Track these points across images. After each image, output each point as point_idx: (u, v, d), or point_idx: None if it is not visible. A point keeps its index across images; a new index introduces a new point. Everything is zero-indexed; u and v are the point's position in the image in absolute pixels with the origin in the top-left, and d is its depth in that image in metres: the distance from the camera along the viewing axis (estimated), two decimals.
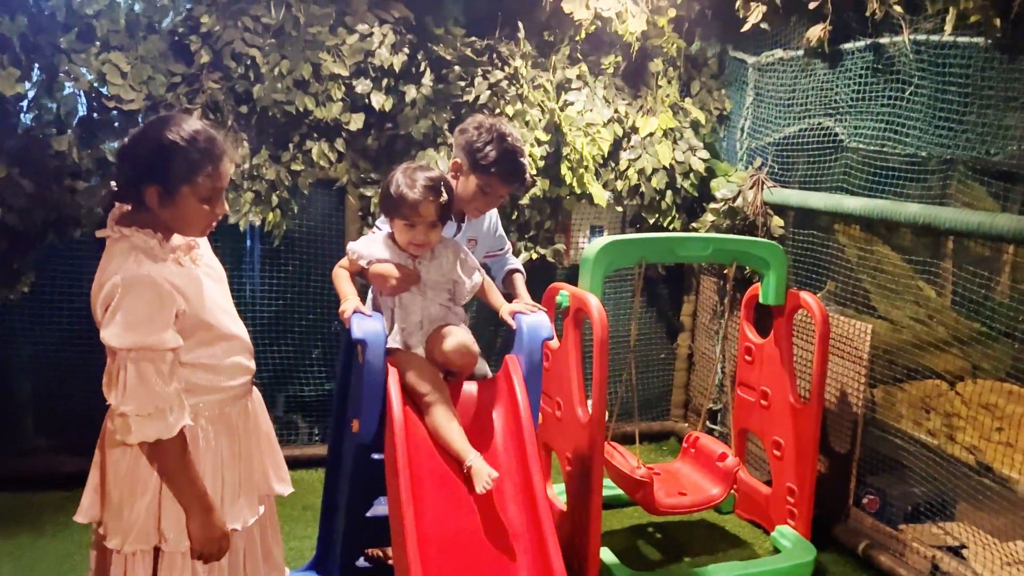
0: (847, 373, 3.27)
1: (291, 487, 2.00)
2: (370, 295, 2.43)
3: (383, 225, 2.45)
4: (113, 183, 1.73)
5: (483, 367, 2.60)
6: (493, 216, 2.72)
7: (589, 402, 2.86)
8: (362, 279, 2.36)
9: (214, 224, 1.79)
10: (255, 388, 1.95)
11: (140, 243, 1.66)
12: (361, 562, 2.35)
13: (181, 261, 1.74)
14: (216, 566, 1.79)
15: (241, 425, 1.85)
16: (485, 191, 2.45)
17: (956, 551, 2.90)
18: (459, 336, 2.26)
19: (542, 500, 2.09)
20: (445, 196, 2.21)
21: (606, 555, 2.89)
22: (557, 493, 3.20)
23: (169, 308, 1.64)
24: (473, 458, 2.09)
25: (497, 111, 3.59)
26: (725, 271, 3.63)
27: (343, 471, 2.42)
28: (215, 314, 1.77)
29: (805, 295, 3.09)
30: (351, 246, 2.35)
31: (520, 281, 2.77)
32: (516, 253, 3.74)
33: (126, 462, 1.71)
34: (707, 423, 3.88)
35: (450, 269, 2.30)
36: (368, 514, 2.31)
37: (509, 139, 2.41)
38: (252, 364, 1.90)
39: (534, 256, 3.78)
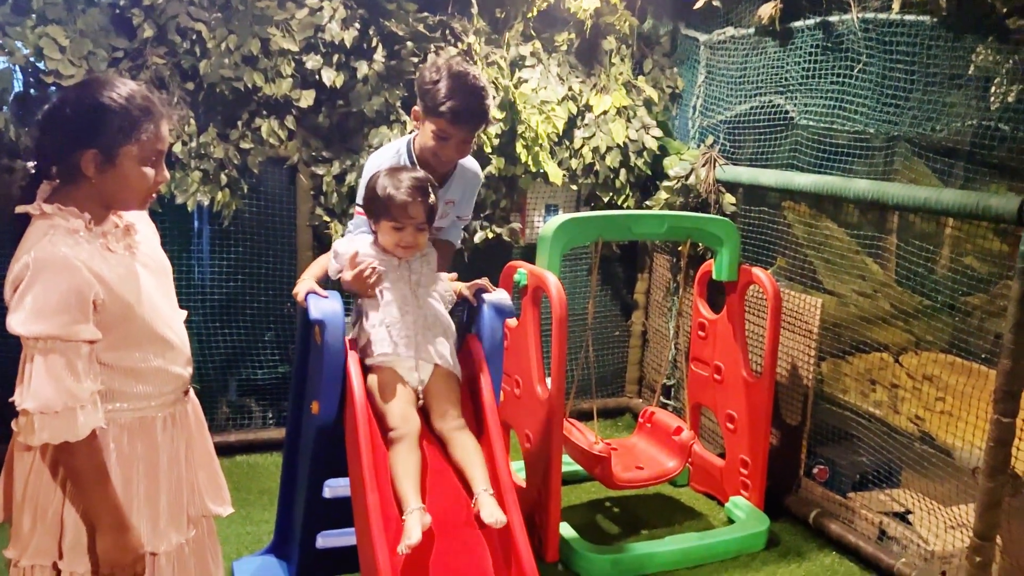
0: (798, 347, 3.35)
1: (230, 508, 1.85)
2: (355, 307, 2.26)
3: (355, 228, 2.34)
4: (30, 163, 1.57)
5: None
6: (475, 182, 2.51)
7: (548, 379, 2.87)
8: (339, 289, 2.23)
9: (155, 194, 1.64)
10: (194, 398, 1.78)
11: (62, 222, 1.50)
12: (320, 543, 2.32)
13: (112, 247, 1.57)
14: None
15: (165, 437, 1.67)
16: (440, 136, 2.23)
17: (902, 516, 3.00)
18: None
19: (504, 477, 2.09)
20: (432, 197, 2.14)
21: (565, 530, 2.92)
22: (516, 470, 3.22)
23: (86, 296, 1.47)
24: (412, 511, 1.92)
25: None
26: (679, 248, 3.67)
27: (302, 453, 2.39)
28: (145, 311, 1.59)
29: (757, 271, 3.15)
30: (337, 246, 2.22)
31: (447, 255, 2.59)
32: (472, 232, 3.72)
33: (31, 466, 1.55)
34: (662, 398, 3.94)
35: (429, 254, 2.24)
36: (328, 496, 2.28)
37: (464, 77, 2.19)
38: (186, 372, 1.71)
39: (490, 235, 3.77)
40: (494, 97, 3.59)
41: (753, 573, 2.87)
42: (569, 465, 3.35)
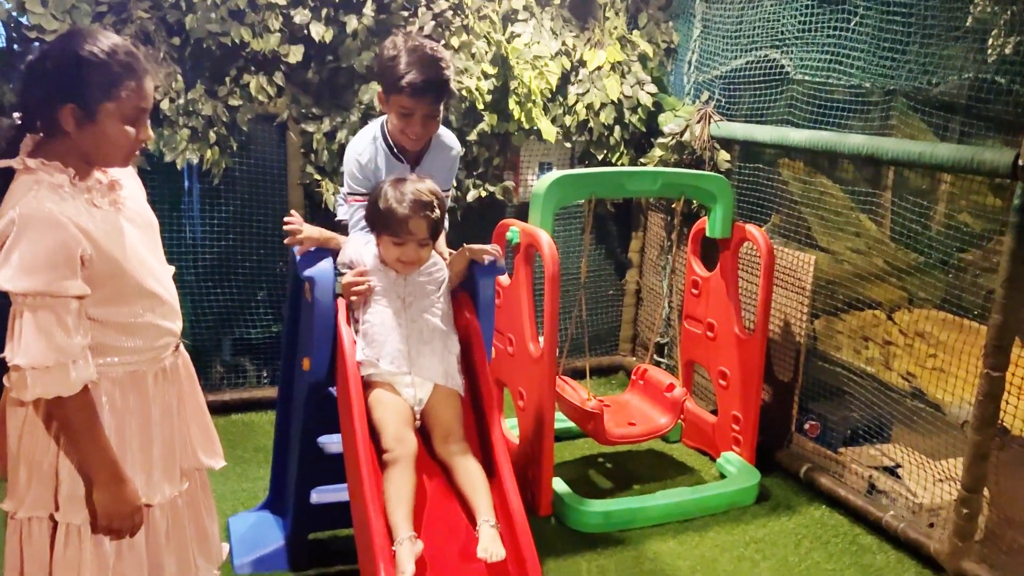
0: (790, 304, 3.35)
1: (223, 460, 1.86)
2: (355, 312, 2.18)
3: (353, 219, 2.27)
4: (16, 114, 1.54)
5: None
6: (451, 156, 2.41)
7: (541, 338, 2.88)
8: None
9: (137, 152, 1.61)
10: (184, 353, 1.78)
11: (46, 177, 1.48)
12: (314, 499, 2.34)
13: (97, 203, 1.54)
14: (129, 543, 1.65)
15: (157, 391, 1.68)
16: (404, 113, 2.16)
17: (892, 471, 3.03)
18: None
19: (497, 435, 2.10)
20: (437, 212, 2.05)
21: (558, 485, 2.95)
22: (510, 428, 3.24)
23: (73, 251, 1.45)
24: (401, 540, 1.83)
25: (442, 43, 3.49)
26: (673, 206, 3.64)
27: (295, 410, 2.40)
28: (133, 267, 1.58)
29: (751, 228, 3.14)
30: (352, 252, 2.17)
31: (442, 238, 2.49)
32: (464, 191, 3.70)
33: (24, 420, 1.56)
34: (655, 356, 3.95)
35: (436, 271, 2.16)
36: (322, 451, 2.29)
37: (421, 49, 2.13)
38: (175, 326, 1.70)
39: (483, 194, 3.74)
40: (471, 66, 3.53)
41: (744, 526, 2.91)
42: (562, 422, 3.37)
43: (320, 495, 2.36)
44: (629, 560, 2.66)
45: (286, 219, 2.14)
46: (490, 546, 1.85)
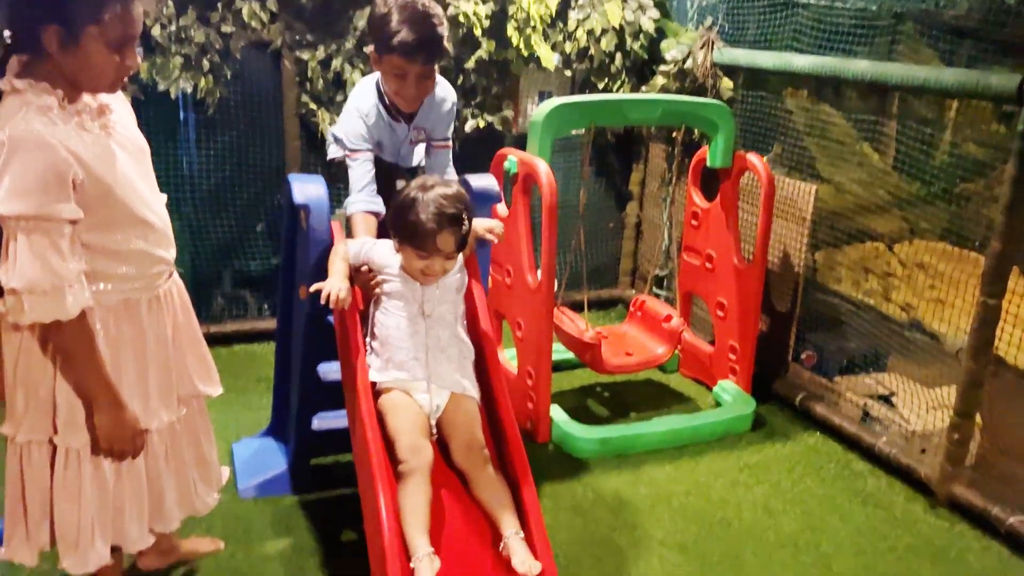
0: (790, 235, 3.33)
1: (220, 388, 1.86)
2: (371, 313, 2.02)
3: (355, 180, 2.14)
4: (7, 31, 1.51)
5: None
6: (447, 107, 2.28)
7: (539, 269, 2.88)
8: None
9: (126, 79, 1.58)
10: (178, 280, 1.77)
11: (34, 99, 1.44)
12: (315, 425, 2.38)
13: (87, 126, 1.52)
14: (129, 467, 1.67)
15: (151, 319, 1.67)
16: (396, 73, 2.06)
17: (886, 399, 3.07)
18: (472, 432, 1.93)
19: (495, 364, 2.11)
20: (466, 225, 1.89)
21: (556, 413, 2.99)
22: (508, 358, 3.26)
23: (65, 174, 1.43)
24: (420, 557, 1.71)
25: None
26: (673, 135, 3.60)
27: (294, 339, 2.42)
28: (124, 192, 1.56)
29: (751, 157, 3.10)
30: (352, 245, 2.00)
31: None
32: (463, 121, 3.65)
33: (20, 346, 1.57)
34: (653, 289, 3.96)
35: (457, 283, 2.01)
36: (322, 379, 2.32)
37: (413, 6, 2.00)
38: (168, 254, 1.70)
39: (481, 124, 3.69)
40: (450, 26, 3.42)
41: (739, 453, 2.95)
42: (560, 353, 3.40)
43: (321, 421, 2.40)
44: (625, 484, 2.72)
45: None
46: (527, 559, 1.76)
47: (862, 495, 2.73)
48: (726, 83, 3.54)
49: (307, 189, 2.11)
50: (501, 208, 3.00)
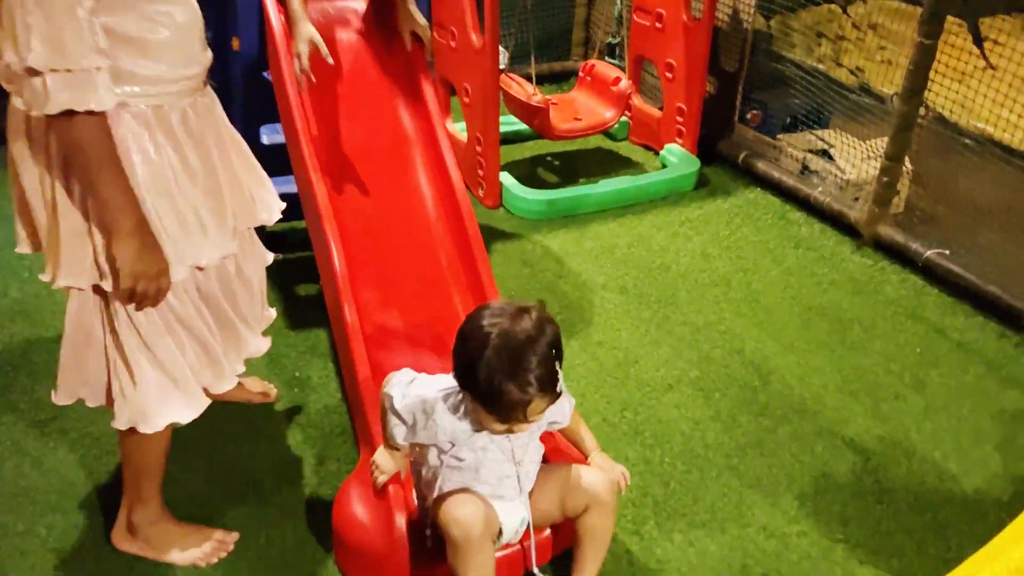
0: None
1: (279, 214, 1.60)
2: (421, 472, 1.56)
3: None
4: None
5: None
6: None
7: (483, 29, 2.81)
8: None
9: None
10: (212, 94, 1.47)
11: None
12: None
13: None
14: (189, 313, 1.42)
15: (192, 131, 1.37)
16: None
17: (826, 152, 3.16)
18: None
19: (441, 131, 2.12)
20: (562, 383, 1.39)
21: (506, 178, 3.05)
22: (459, 129, 3.27)
23: None
24: None
25: None
26: None
27: (234, 101, 2.39)
28: None
29: None
30: (390, 423, 1.47)
31: None
32: None
33: (38, 169, 1.31)
34: (604, 57, 3.90)
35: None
36: (265, 142, 2.33)
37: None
38: (204, 56, 1.40)
39: None
40: None
41: (680, 209, 3.08)
42: (510, 125, 3.41)
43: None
44: (571, 240, 2.85)
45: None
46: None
47: (795, 240, 2.89)
48: None
49: None
50: None
